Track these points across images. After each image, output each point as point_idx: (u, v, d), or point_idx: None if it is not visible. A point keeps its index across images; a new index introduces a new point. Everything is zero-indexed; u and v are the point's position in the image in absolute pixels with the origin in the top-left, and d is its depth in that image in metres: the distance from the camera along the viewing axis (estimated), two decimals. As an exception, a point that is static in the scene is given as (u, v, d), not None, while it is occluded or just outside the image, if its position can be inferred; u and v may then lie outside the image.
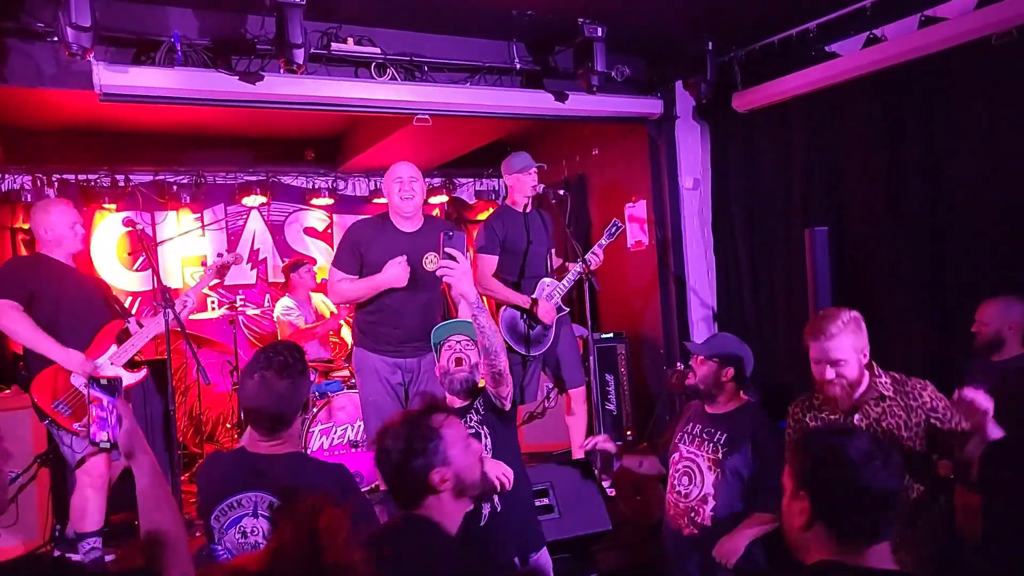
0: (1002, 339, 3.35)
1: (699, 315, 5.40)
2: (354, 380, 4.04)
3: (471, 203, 7.18)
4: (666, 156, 5.33)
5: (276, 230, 6.45)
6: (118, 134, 5.51)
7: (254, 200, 6.16)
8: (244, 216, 6.32)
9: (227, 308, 5.55)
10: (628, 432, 5.27)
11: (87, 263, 5.53)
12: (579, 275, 4.07)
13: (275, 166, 6.29)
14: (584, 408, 4.28)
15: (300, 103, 4.16)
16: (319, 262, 6.32)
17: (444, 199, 6.91)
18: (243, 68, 3.97)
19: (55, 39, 3.45)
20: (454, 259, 2.45)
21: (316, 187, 6.40)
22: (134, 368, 3.69)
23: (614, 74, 4.69)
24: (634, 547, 3.66)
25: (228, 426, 5.71)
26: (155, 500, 1.63)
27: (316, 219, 6.63)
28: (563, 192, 4.54)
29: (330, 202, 6.41)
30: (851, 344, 2.42)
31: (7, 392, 4.20)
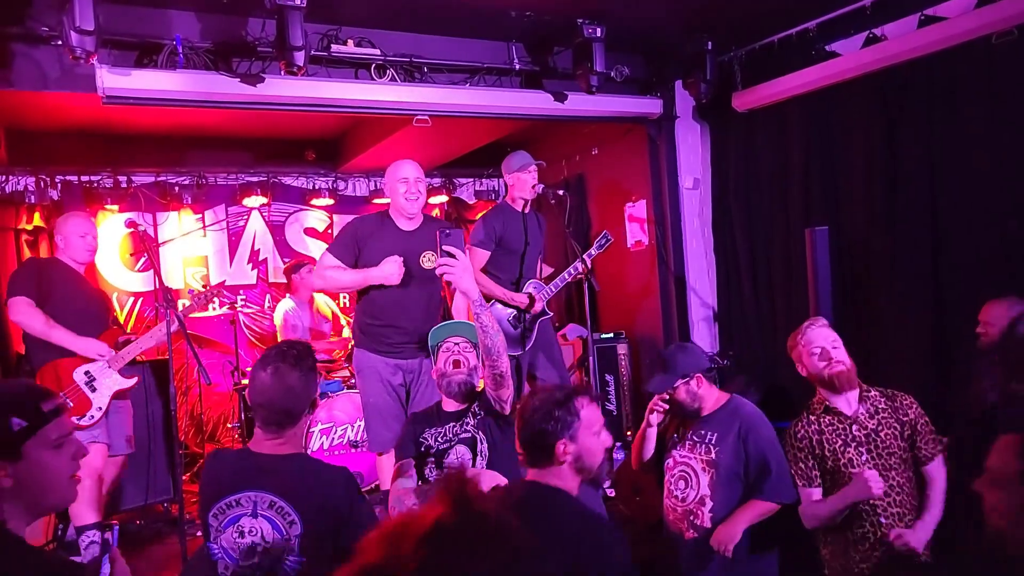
0: None
1: (699, 315, 5.40)
2: (354, 380, 4.05)
3: (471, 203, 7.19)
4: (666, 156, 5.33)
5: (277, 230, 6.48)
6: (120, 136, 5.54)
7: (255, 201, 6.19)
8: (245, 216, 6.35)
9: (228, 308, 5.56)
10: (628, 432, 5.27)
11: (91, 266, 5.56)
12: (574, 276, 4.07)
13: (276, 167, 6.31)
14: None
15: (300, 104, 4.18)
16: (320, 263, 6.34)
17: (444, 199, 6.92)
18: (244, 70, 3.99)
19: (59, 43, 3.47)
20: (453, 256, 2.45)
21: (316, 187, 6.42)
22: (129, 375, 3.80)
23: (613, 74, 4.70)
24: (633, 547, 3.66)
25: (229, 426, 5.73)
26: None
27: (316, 219, 6.65)
28: (562, 192, 4.53)
29: (330, 202, 6.43)
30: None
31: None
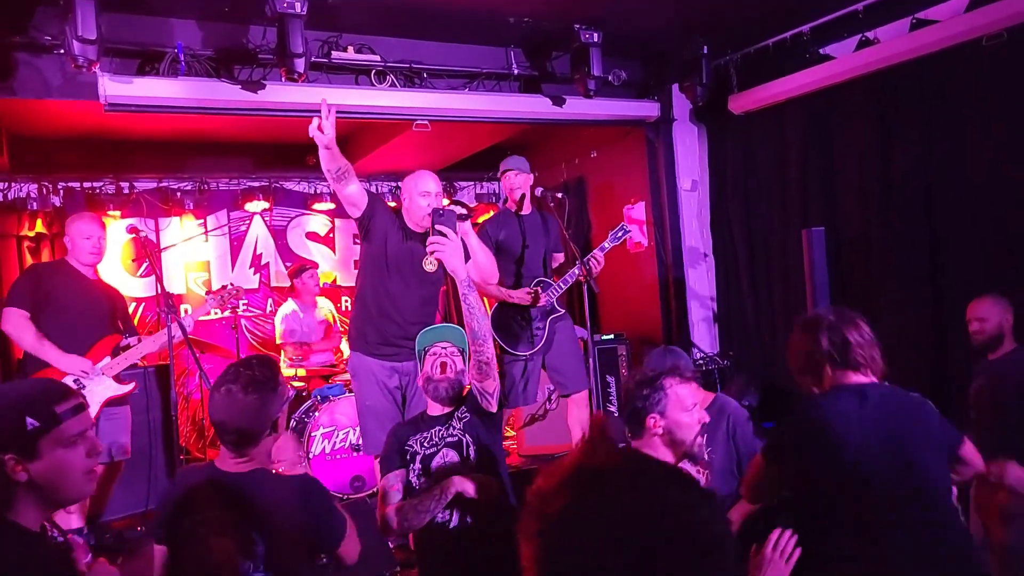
0: (1002, 335, 3.28)
1: (699, 316, 5.44)
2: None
3: (472, 206, 7.23)
4: (664, 158, 5.38)
5: (278, 235, 6.50)
6: (122, 142, 5.57)
7: (256, 205, 6.22)
8: (247, 221, 6.38)
9: (230, 312, 5.58)
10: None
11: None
12: (576, 278, 4.08)
13: (277, 172, 6.34)
14: (587, 412, 4.30)
15: (301, 111, 4.20)
16: (321, 266, 6.37)
17: (445, 203, 6.95)
18: (245, 77, 4.04)
19: (62, 52, 3.52)
20: (444, 235, 2.48)
21: (318, 192, 6.44)
22: (128, 380, 3.83)
23: (611, 78, 4.74)
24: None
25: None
26: None
27: (318, 223, 6.68)
28: (560, 195, 4.57)
29: (332, 206, 6.44)
30: None
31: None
